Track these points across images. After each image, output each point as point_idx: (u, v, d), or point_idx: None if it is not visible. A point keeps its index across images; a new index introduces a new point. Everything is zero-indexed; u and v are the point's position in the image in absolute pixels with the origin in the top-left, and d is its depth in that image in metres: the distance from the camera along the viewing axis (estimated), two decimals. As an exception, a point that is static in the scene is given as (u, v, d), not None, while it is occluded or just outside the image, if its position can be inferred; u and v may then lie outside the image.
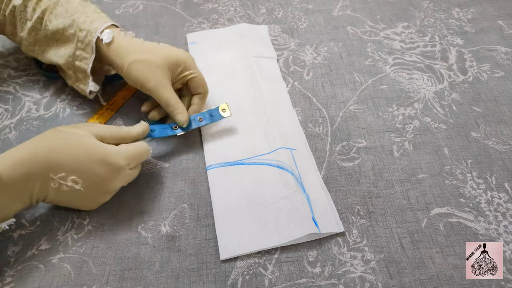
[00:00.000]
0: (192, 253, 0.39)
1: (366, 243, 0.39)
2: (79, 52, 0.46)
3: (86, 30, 0.45)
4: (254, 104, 0.51)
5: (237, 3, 0.70)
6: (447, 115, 0.51)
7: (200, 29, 0.64)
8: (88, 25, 0.45)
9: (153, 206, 0.43)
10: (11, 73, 0.57)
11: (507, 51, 0.60)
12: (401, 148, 0.47)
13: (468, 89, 0.54)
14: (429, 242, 0.39)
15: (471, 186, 0.44)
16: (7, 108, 0.52)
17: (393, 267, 0.38)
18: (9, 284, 0.37)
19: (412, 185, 0.44)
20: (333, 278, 0.37)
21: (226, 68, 0.57)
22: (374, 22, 0.65)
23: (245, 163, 0.45)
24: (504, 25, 0.64)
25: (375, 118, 0.51)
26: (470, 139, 0.48)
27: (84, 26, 0.45)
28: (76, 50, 0.46)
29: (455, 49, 0.60)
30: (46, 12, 0.47)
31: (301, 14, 0.67)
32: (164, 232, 0.41)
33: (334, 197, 0.43)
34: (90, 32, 0.44)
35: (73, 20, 0.45)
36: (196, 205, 0.43)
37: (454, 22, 0.65)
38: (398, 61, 0.59)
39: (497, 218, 0.41)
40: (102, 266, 0.38)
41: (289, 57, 0.59)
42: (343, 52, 0.60)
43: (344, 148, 0.48)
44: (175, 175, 0.45)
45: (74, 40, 0.46)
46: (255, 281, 0.37)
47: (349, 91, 0.54)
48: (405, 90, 0.54)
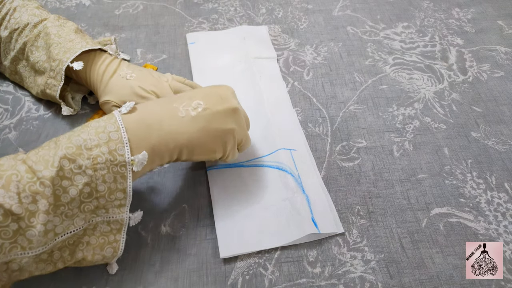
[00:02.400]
0: (192, 253, 0.39)
1: (366, 243, 0.39)
2: (50, 80, 0.48)
3: (58, 60, 0.47)
4: (254, 105, 0.51)
5: (237, 3, 0.70)
6: (447, 115, 0.51)
7: (200, 29, 0.64)
8: (61, 55, 0.47)
9: (153, 207, 0.43)
10: (11, 73, 0.57)
11: (507, 51, 0.60)
12: (401, 148, 0.47)
13: (468, 89, 0.54)
14: (429, 242, 0.39)
15: (471, 186, 0.44)
16: (7, 108, 0.52)
17: (393, 267, 0.38)
18: (9, 284, 0.37)
19: (412, 185, 0.44)
20: (333, 278, 0.37)
21: (226, 71, 0.57)
22: (374, 22, 0.65)
23: (245, 165, 0.45)
24: (504, 25, 0.64)
25: (375, 118, 0.51)
26: (470, 139, 0.48)
27: (57, 56, 0.47)
28: (48, 79, 0.48)
29: (455, 49, 0.60)
30: (27, 44, 0.49)
31: (301, 14, 0.67)
32: (164, 232, 0.41)
33: (334, 197, 0.43)
34: (61, 61, 0.46)
35: (50, 51, 0.47)
36: (196, 205, 0.43)
37: (454, 22, 0.65)
38: (398, 61, 0.59)
39: (497, 218, 0.41)
40: (102, 266, 0.38)
41: (289, 57, 0.59)
42: (343, 52, 0.60)
43: (344, 148, 0.48)
44: (175, 175, 0.45)
45: (48, 70, 0.48)
46: (255, 281, 0.37)
47: (349, 91, 0.54)
48: (405, 90, 0.54)
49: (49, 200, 0.30)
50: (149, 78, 0.47)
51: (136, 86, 0.46)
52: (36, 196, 0.29)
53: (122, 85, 0.46)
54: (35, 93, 0.51)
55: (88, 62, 0.47)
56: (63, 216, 0.31)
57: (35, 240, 0.30)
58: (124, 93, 0.46)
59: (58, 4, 0.69)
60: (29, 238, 0.29)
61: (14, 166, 0.30)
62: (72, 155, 0.31)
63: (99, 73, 0.47)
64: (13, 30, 0.50)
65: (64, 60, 0.46)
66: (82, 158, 0.31)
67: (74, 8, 0.68)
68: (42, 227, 0.30)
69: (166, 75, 0.49)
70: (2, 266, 0.29)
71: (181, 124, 0.36)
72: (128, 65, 0.49)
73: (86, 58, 0.47)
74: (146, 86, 0.46)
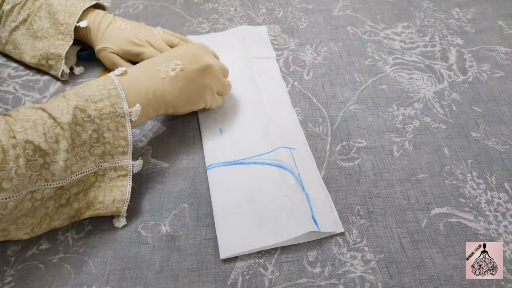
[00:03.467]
0: (192, 253, 0.39)
1: (366, 243, 0.39)
2: (58, 42, 0.53)
3: (66, 24, 0.53)
4: (254, 104, 0.52)
5: (237, 3, 0.70)
6: (447, 115, 0.51)
7: (200, 29, 0.64)
8: (67, 19, 0.53)
9: (153, 206, 0.43)
10: (11, 73, 0.57)
11: (507, 51, 0.60)
12: (401, 148, 0.47)
13: (468, 89, 0.54)
14: (429, 242, 0.39)
15: (471, 186, 0.44)
16: (7, 108, 0.52)
17: (393, 267, 0.38)
18: (9, 284, 0.37)
19: (412, 185, 0.44)
20: (333, 278, 0.37)
21: None
22: (374, 22, 0.65)
23: (245, 163, 0.45)
24: (504, 25, 0.64)
25: (375, 118, 0.51)
26: (470, 139, 0.48)
27: (64, 21, 0.53)
28: (55, 41, 0.54)
29: (455, 49, 0.60)
30: (31, 15, 0.55)
31: (301, 14, 0.67)
32: (164, 232, 0.41)
33: (334, 197, 0.43)
34: (69, 24, 0.53)
35: (56, 19, 0.53)
36: (196, 205, 0.43)
37: (454, 22, 0.65)
38: (398, 61, 0.59)
39: (497, 218, 0.41)
40: (102, 266, 0.38)
41: (289, 57, 0.59)
42: (343, 52, 0.60)
43: (344, 148, 0.48)
44: (175, 175, 0.45)
45: (56, 34, 0.53)
46: (255, 281, 0.37)
47: (349, 91, 0.54)
48: (405, 90, 0.54)
49: (68, 141, 0.36)
50: (143, 30, 0.54)
51: (132, 36, 0.52)
52: (58, 137, 0.35)
53: (117, 34, 0.52)
54: (29, 59, 0.55)
55: (86, 17, 0.54)
56: (77, 156, 0.37)
57: (57, 174, 0.35)
58: (120, 41, 0.52)
59: (58, 4, 0.69)
60: (52, 171, 0.35)
61: (38, 113, 0.36)
62: (82, 106, 0.37)
63: (95, 23, 0.53)
64: (15, 4, 0.55)
65: (71, 23, 0.53)
66: (90, 109, 0.37)
67: (74, 8, 0.68)
68: (63, 163, 0.35)
69: (157, 29, 0.55)
70: (27, 195, 0.34)
71: (163, 85, 0.42)
72: (122, 18, 0.55)
73: (85, 14, 0.54)
74: (140, 36, 0.52)
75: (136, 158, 0.43)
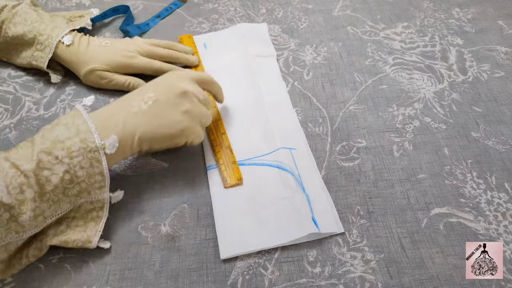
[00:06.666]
0: (192, 253, 0.39)
1: (366, 243, 0.39)
2: (37, 53, 0.52)
3: (47, 35, 0.51)
4: (254, 104, 0.51)
5: (237, 3, 0.70)
6: (447, 115, 0.51)
7: (200, 29, 0.64)
8: (49, 31, 0.51)
9: (153, 206, 0.43)
10: (11, 73, 0.57)
11: (507, 51, 0.60)
12: (401, 148, 0.47)
13: (468, 89, 0.54)
14: (429, 242, 0.39)
15: (471, 186, 0.44)
16: (7, 108, 0.52)
17: (393, 267, 0.38)
18: (9, 284, 0.37)
19: (412, 185, 0.44)
20: (333, 278, 0.37)
21: (225, 70, 0.57)
22: (374, 22, 0.65)
23: (245, 164, 0.45)
24: (504, 25, 0.64)
25: (375, 118, 0.51)
26: (470, 139, 0.48)
27: (44, 32, 0.51)
28: (34, 51, 0.52)
29: (455, 49, 0.60)
30: (5, 22, 0.52)
31: (301, 14, 0.67)
32: (164, 232, 0.41)
33: (334, 197, 0.43)
34: (50, 36, 0.51)
35: (33, 26, 0.51)
36: (196, 205, 0.43)
37: (454, 22, 0.65)
38: (398, 61, 0.59)
39: (497, 218, 0.41)
40: (102, 266, 0.38)
41: (289, 57, 0.59)
42: (343, 52, 0.60)
43: (344, 148, 0.48)
44: (175, 175, 0.45)
45: (33, 43, 0.52)
46: (255, 281, 0.37)
47: (349, 91, 0.54)
48: (405, 90, 0.54)
49: (34, 189, 0.33)
50: (123, 42, 0.53)
51: (117, 49, 0.51)
52: (22, 187, 0.33)
53: (101, 51, 0.51)
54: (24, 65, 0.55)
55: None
56: (49, 202, 0.35)
57: (26, 224, 0.33)
58: (107, 57, 0.51)
59: (58, 4, 0.69)
60: (21, 223, 0.33)
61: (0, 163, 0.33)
62: (47, 149, 0.35)
63: (74, 43, 0.51)
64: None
65: (54, 36, 0.51)
66: (57, 149, 0.35)
67: (74, 8, 0.68)
68: (31, 213, 0.33)
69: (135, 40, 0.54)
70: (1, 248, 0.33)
71: (135, 120, 0.39)
72: (97, 37, 0.54)
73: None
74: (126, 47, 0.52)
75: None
